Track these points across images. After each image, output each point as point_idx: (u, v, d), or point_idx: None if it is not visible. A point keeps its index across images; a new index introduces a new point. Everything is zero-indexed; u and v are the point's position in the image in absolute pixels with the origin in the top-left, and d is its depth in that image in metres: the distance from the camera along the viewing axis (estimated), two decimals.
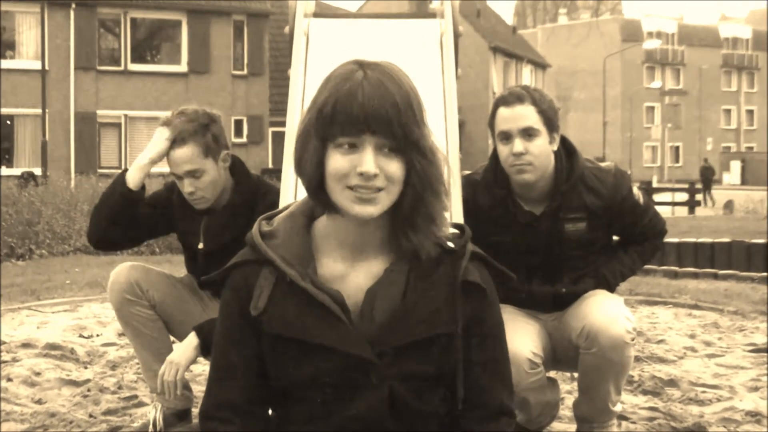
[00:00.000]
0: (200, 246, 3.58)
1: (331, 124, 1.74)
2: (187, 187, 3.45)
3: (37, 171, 23.52)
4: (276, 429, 1.91)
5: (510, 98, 3.19)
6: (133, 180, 3.51)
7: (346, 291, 1.82)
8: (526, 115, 3.15)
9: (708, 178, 37.22)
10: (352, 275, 1.85)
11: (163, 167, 3.60)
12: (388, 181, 1.75)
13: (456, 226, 1.94)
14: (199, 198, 3.48)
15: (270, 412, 1.95)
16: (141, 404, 4.24)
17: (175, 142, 3.45)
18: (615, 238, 3.54)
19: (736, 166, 58.90)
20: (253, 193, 3.57)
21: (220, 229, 3.52)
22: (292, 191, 3.53)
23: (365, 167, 1.72)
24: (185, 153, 3.43)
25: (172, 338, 3.72)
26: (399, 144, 1.74)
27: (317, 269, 1.84)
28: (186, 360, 3.31)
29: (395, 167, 1.75)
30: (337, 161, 1.75)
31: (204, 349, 3.36)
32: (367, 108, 1.72)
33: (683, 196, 28.81)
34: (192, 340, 3.34)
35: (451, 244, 1.87)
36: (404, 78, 1.80)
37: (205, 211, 3.58)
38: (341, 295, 1.80)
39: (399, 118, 1.73)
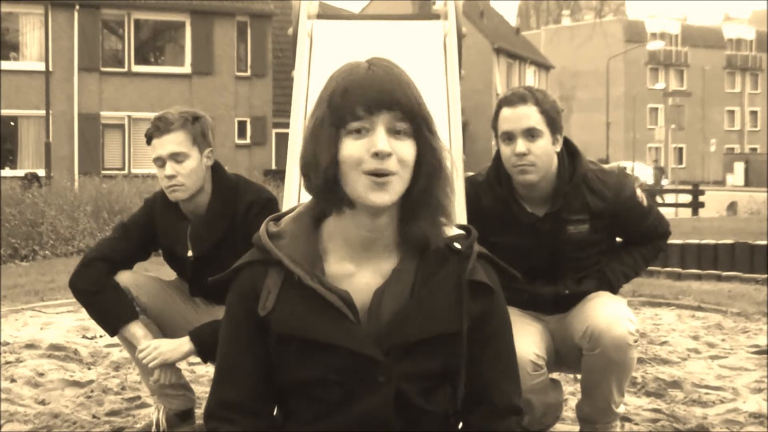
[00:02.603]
0: (189, 254, 3.57)
1: (342, 110, 1.77)
2: (168, 170, 3.42)
3: (41, 172, 23.50)
4: (281, 427, 1.92)
5: (513, 99, 3.19)
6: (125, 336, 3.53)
7: (354, 290, 1.83)
8: (528, 115, 3.15)
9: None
10: (360, 274, 1.86)
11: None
12: (401, 164, 1.76)
13: (462, 227, 1.95)
14: (178, 185, 3.44)
15: (275, 410, 1.95)
16: (144, 405, 4.25)
17: (163, 128, 3.43)
18: (618, 239, 3.54)
19: (739, 167, 58.81)
20: (232, 192, 3.56)
21: (206, 233, 3.51)
22: (296, 192, 3.53)
23: (379, 146, 1.74)
24: (173, 136, 3.42)
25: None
26: (414, 120, 1.78)
27: (325, 269, 1.85)
28: (172, 357, 3.34)
29: (407, 149, 1.78)
30: (349, 147, 1.76)
31: (201, 355, 3.38)
32: (383, 86, 1.77)
33: (686, 198, 28.76)
34: (185, 343, 3.35)
35: (457, 245, 1.88)
36: (406, 73, 1.85)
37: (188, 217, 3.57)
38: (349, 295, 1.81)
39: (410, 92, 1.79)
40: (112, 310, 3.49)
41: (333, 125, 1.78)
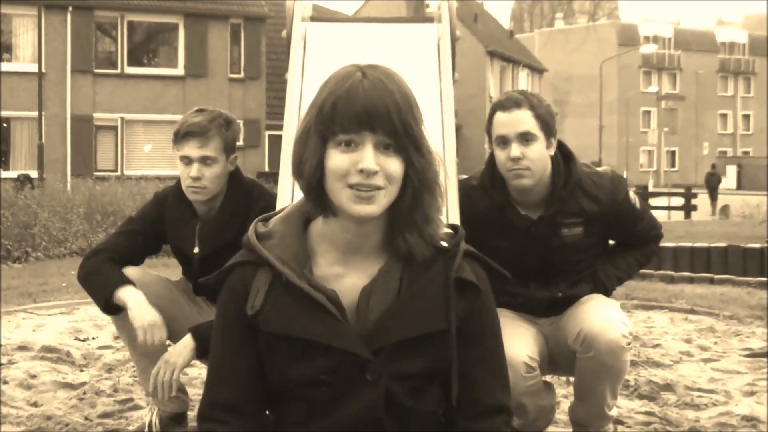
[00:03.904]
0: (195, 251, 3.58)
1: (331, 122, 1.76)
2: (194, 171, 3.43)
3: (34, 174, 23.48)
4: (273, 428, 1.92)
5: (507, 103, 3.18)
6: (117, 304, 3.47)
7: (342, 290, 1.84)
8: (523, 120, 3.15)
9: (713, 186, 35.39)
10: (348, 275, 1.86)
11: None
12: (387, 180, 1.76)
13: (450, 226, 1.96)
14: (201, 187, 3.46)
15: (267, 412, 1.96)
16: (137, 407, 4.24)
17: (199, 134, 3.44)
18: (611, 242, 3.55)
19: (732, 170, 58.93)
20: (246, 196, 3.58)
21: (215, 233, 3.52)
22: (289, 195, 3.53)
23: (366, 164, 1.73)
24: (207, 141, 3.44)
25: (168, 342, 3.72)
26: (399, 141, 1.76)
27: (313, 269, 1.86)
28: (182, 361, 3.31)
29: (395, 166, 1.77)
30: (336, 159, 1.76)
31: (200, 352, 3.37)
32: (368, 104, 1.74)
33: (679, 201, 28.80)
34: (188, 341, 3.34)
35: (444, 243, 1.88)
36: (402, 80, 1.83)
37: (198, 215, 3.58)
38: (337, 295, 1.82)
39: (399, 114, 1.75)
40: (104, 281, 3.45)
41: (320, 135, 1.78)
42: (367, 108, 1.74)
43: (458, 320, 1.86)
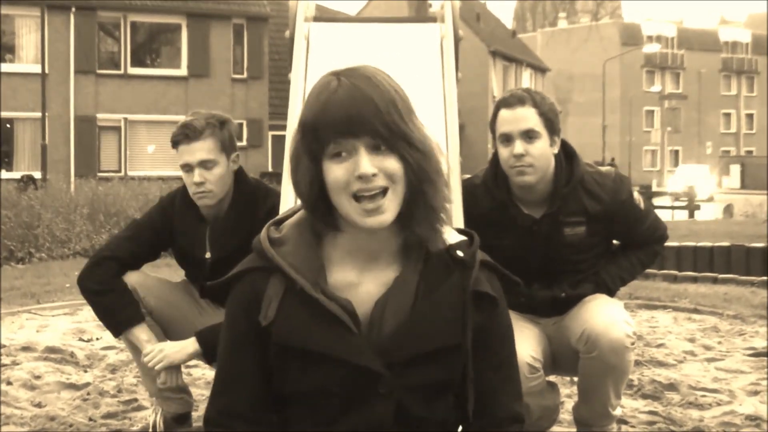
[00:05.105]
0: (207, 255, 3.57)
1: (315, 139, 1.73)
2: (196, 177, 3.44)
3: (37, 174, 23.54)
4: None
5: (511, 100, 3.19)
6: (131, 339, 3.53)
7: (357, 300, 1.80)
8: (527, 117, 3.15)
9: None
10: (363, 284, 1.83)
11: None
12: (389, 179, 1.73)
13: (464, 233, 1.92)
14: (206, 191, 3.46)
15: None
16: (141, 408, 4.24)
17: (192, 136, 3.43)
18: (615, 242, 3.54)
19: (735, 170, 58.89)
20: (253, 196, 3.58)
21: (226, 236, 3.51)
22: (292, 194, 3.52)
23: (362, 169, 1.70)
24: (202, 144, 3.44)
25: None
26: (386, 140, 1.72)
27: (327, 278, 1.82)
28: (177, 358, 3.34)
29: (393, 164, 1.73)
30: (333, 172, 1.73)
31: (206, 357, 3.38)
32: (344, 113, 1.71)
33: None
34: (190, 344, 3.35)
35: (460, 253, 1.85)
36: (383, 78, 1.78)
37: (207, 219, 3.58)
38: (352, 305, 1.78)
39: (378, 115, 1.71)
40: (117, 312, 3.50)
41: (308, 153, 1.76)
42: (344, 117, 1.70)
43: (474, 332, 1.84)
